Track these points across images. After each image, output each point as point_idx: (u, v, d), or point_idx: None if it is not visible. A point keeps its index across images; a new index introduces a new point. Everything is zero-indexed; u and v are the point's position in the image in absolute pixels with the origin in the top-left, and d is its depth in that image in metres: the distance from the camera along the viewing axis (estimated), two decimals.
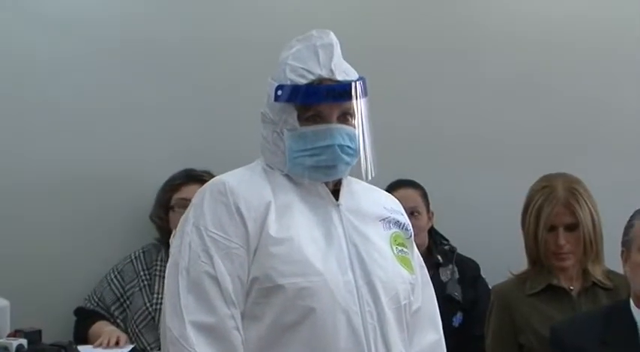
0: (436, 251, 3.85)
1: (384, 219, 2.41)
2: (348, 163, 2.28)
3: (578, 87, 4.23)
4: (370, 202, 2.41)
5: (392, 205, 2.47)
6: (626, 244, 2.84)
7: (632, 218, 2.85)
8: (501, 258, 3.54)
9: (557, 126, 4.17)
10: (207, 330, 2.18)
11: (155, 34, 3.93)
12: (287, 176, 2.29)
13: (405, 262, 2.39)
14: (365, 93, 2.31)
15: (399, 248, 2.40)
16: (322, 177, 2.28)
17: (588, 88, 4.21)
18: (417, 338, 2.40)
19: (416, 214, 3.75)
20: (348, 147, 2.25)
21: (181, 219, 2.29)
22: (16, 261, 3.74)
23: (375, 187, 2.48)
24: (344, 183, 2.35)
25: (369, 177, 2.36)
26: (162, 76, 3.94)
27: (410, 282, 2.37)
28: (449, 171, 4.08)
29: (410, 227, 2.50)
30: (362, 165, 2.33)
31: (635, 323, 2.72)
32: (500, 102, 4.19)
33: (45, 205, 3.79)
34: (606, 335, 2.75)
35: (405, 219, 2.49)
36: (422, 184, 3.90)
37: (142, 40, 3.93)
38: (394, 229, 2.42)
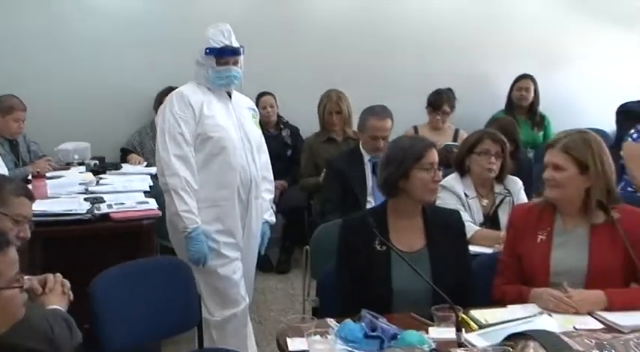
0: (280, 123, 5.77)
1: (248, 107, 3.38)
2: (235, 83, 3.28)
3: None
4: (241, 100, 3.37)
5: (249, 101, 3.42)
6: None
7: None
8: (308, 125, 5.38)
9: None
10: (180, 157, 3.13)
11: (164, 16, 5.67)
12: (208, 88, 3.23)
13: (258, 127, 3.38)
14: (244, 52, 3.25)
15: (254, 120, 3.39)
16: (226, 89, 3.28)
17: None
18: (260, 157, 3.36)
19: (273, 107, 5.76)
20: (236, 76, 3.23)
21: (160, 109, 3.22)
22: (94, 124, 5.61)
23: (241, 94, 3.30)
24: (232, 92, 3.30)
25: (242, 87, 3.33)
26: (170, 42, 5.56)
27: (260, 135, 3.39)
28: (288, 84, 5.81)
29: (257, 111, 3.41)
30: (241, 82, 3.32)
31: (362, 156, 3.98)
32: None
33: (116, 101, 5.68)
34: (350, 160, 4.02)
35: (255, 107, 3.42)
36: (275, 93, 5.75)
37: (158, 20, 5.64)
38: (252, 112, 3.38)
